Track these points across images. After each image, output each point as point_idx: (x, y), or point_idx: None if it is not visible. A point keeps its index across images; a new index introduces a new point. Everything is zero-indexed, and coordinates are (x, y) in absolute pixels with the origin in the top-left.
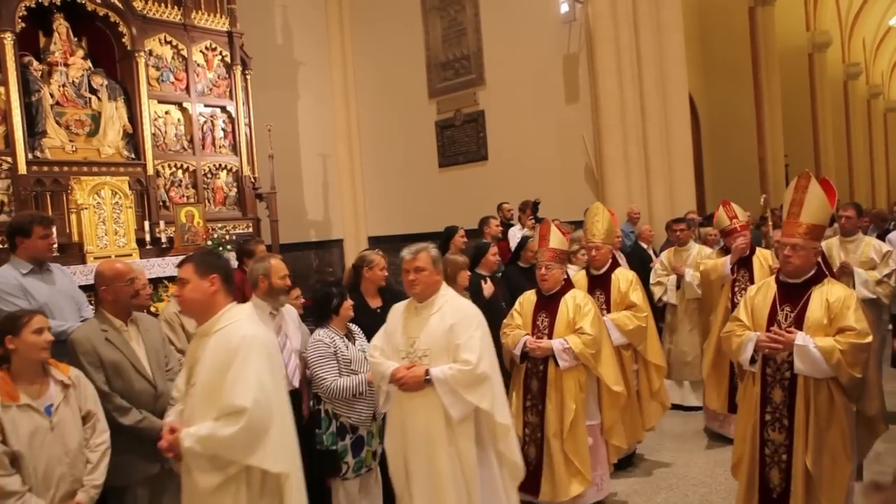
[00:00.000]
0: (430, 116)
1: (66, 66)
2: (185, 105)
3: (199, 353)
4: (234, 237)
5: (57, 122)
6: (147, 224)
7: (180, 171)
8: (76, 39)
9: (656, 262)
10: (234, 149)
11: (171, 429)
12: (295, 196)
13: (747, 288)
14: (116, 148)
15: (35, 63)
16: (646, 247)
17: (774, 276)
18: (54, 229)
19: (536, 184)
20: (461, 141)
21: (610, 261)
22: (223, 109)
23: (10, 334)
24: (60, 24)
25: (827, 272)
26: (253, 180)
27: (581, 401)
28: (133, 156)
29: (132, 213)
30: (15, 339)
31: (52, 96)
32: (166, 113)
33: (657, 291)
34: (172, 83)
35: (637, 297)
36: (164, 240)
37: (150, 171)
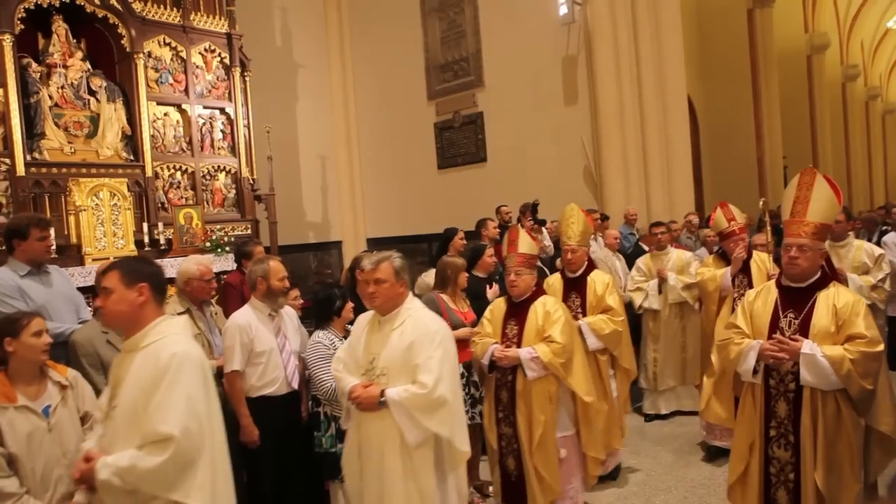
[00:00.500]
0: (428, 118)
1: (65, 67)
2: (183, 107)
3: (124, 372)
4: (233, 239)
5: (55, 124)
6: (146, 226)
7: (179, 173)
8: (75, 41)
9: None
10: (233, 150)
11: (86, 457)
12: (294, 198)
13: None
14: (115, 149)
15: (34, 65)
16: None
17: (775, 279)
18: (52, 231)
19: (535, 185)
20: (460, 143)
21: (586, 263)
22: (222, 111)
23: (9, 336)
24: (59, 26)
25: (832, 275)
26: (252, 182)
27: (550, 412)
28: (132, 157)
29: (131, 215)
30: (14, 342)
31: (50, 98)
32: (165, 114)
33: (637, 298)
34: (171, 85)
35: (613, 300)
36: (162, 241)
37: (149, 172)
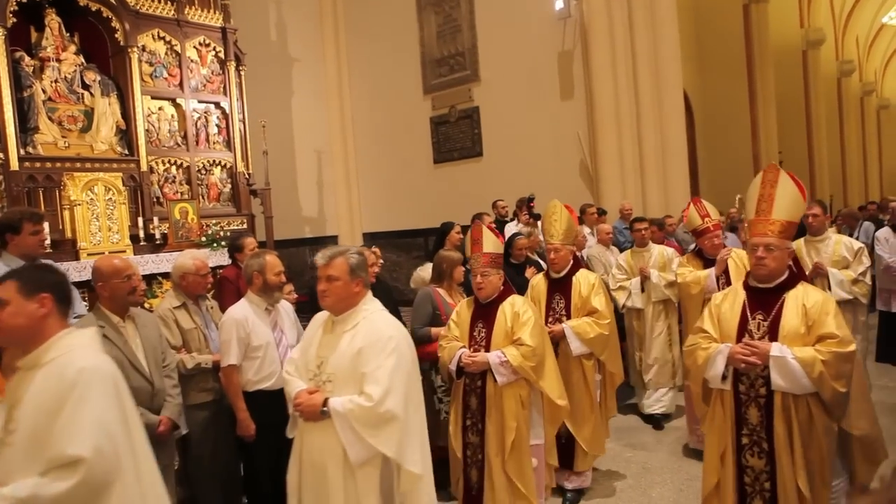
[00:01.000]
0: (424, 112)
1: (59, 61)
2: (178, 101)
3: (22, 392)
4: (229, 234)
5: (49, 118)
6: (141, 220)
7: (174, 168)
8: (68, 35)
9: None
10: (229, 145)
11: None
12: (289, 192)
13: None
14: (109, 144)
15: (27, 58)
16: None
17: (742, 281)
18: (46, 226)
19: (531, 180)
20: (456, 137)
21: (571, 263)
22: (217, 105)
23: None
24: (52, 20)
25: (800, 275)
26: (247, 176)
27: (523, 418)
28: (126, 152)
29: (125, 210)
30: None
31: (44, 92)
32: (160, 109)
33: (620, 297)
34: (166, 79)
35: (599, 302)
36: (157, 236)
37: (144, 167)
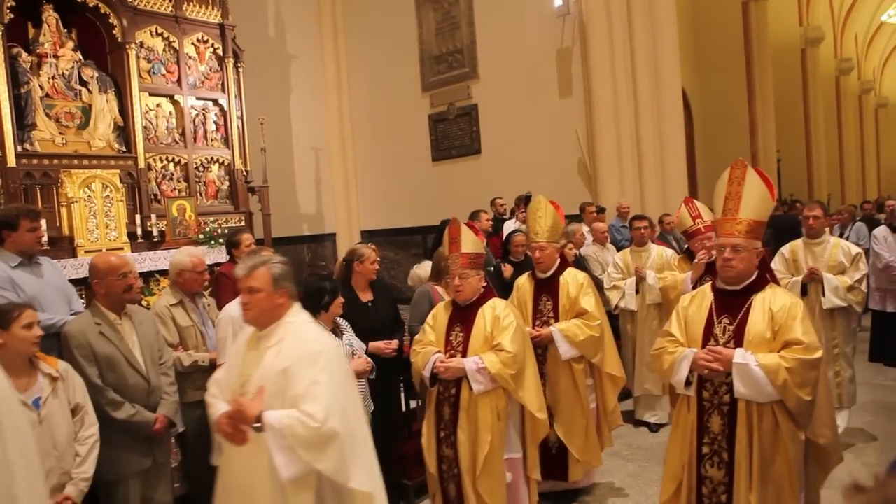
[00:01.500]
0: (423, 110)
1: (56, 57)
2: (176, 98)
3: None
4: (227, 231)
5: (47, 115)
6: (138, 217)
7: (172, 165)
8: (66, 31)
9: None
10: (227, 142)
11: None
12: (287, 190)
13: None
14: (107, 141)
15: (24, 55)
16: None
17: (710, 282)
18: (44, 222)
19: (529, 178)
20: (454, 135)
21: (558, 262)
22: (215, 102)
23: None
24: (50, 16)
25: (769, 276)
26: (245, 174)
27: (498, 431)
28: (124, 149)
29: (123, 207)
30: (4, 333)
31: (41, 88)
32: (157, 105)
33: (613, 297)
34: (164, 76)
35: (588, 302)
36: (155, 233)
37: (142, 164)
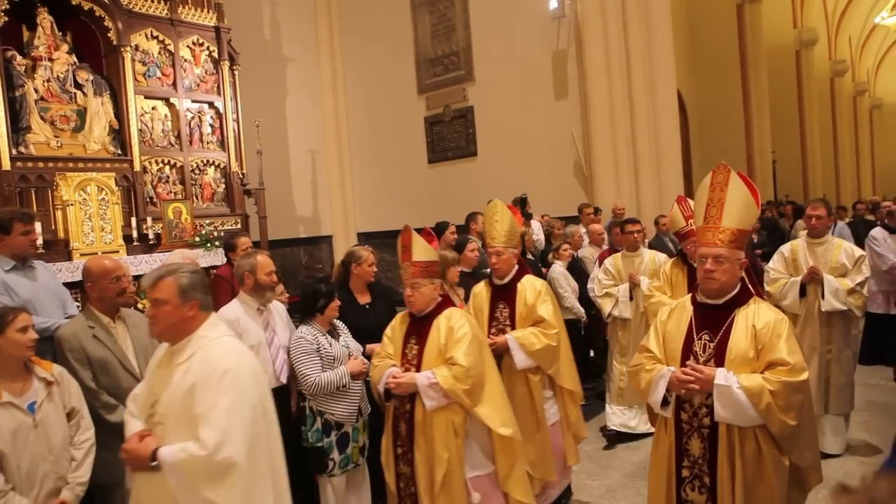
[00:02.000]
0: (419, 112)
1: (51, 60)
2: (171, 100)
3: None
4: (223, 233)
5: (41, 118)
6: (134, 220)
7: (167, 167)
8: (61, 34)
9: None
10: (222, 145)
11: None
12: (284, 192)
13: None
14: (102, 144)
15: (18, 58)
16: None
17: (690, 295)
18: (39, 226)
19: (525, 180)
20: (450, 137)
21: (516, 268)
22: (211, 105)
23: None
24: (44, 19)
25: (753, 289)
26: (241, 176)
27: (456, 448)
28: (119, 152)
29: (119, 210)
30: None
31: (36, 91)
32: (153, 108)
33: (606, 305)
34: (159, 78)
35: (546, 310)
36: (151, 236)
37: (137, 167)
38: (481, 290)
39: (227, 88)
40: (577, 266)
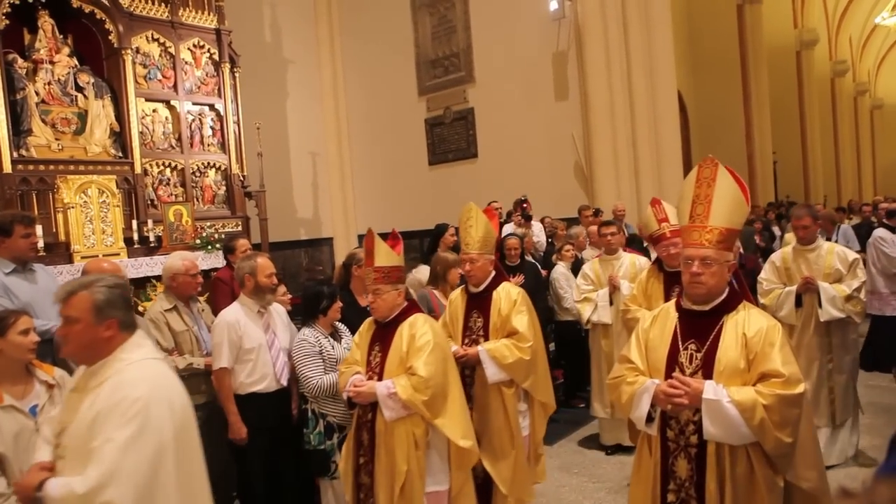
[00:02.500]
0: (419, 114)
1: (52, 63)
2: (172, 103)
3: None
4: (223, 236)
5: (42, 121)
6: (135, 223)
7: (168, 170)
8: (62, 37)
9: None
10: (223, 147)
11: None
12: (284, 194)
13: None
14: (103, 146)
15: (20, 60)
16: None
17: (675, 301)
18: (40, 229)
19: (526, 181)
20: (451, 138)
21: (492, 275)
22: (211, 107)
23: None
24: (45, 22)
25: (742, 294)
26: (242, 178)
27: (416, 460)
28: (120, 154)
29: (120, 212)
30: (0, 340)
31: (37, 94)
32: (154, 111)
33: (585, 310)
34: (160, 81)
35: (520, 322)
36: (152, 239)
37: (138, 169)
38: (457, 297)
39: (228, 91)
40: (580, 267)
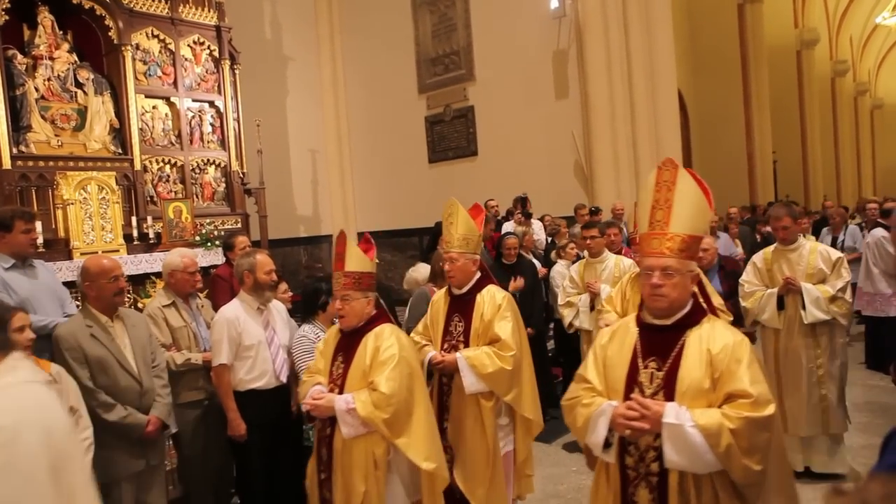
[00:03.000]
0: (419, 112)
1: (52, 59)
2: (172, 100)
3: None
4: (223, 233)
5: (42, 117)
6: (134, 220)
7: (168, 167)
8: (61, 33)
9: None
10: (223, 144)
11: None
12: (284, 192)
13: None
14: (103, 143)
15: (19, 56)
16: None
17: (635, 315)
18: (39, 225)
19: (526, 179)
20: (451, 136)
21: (476, 276)
22: (211, 104)
23: None
24: (45, 17)
25: (707, 306)
26: (241, 175)
27: (375, 481)
28: (120, 151)
29: (119, 209)
30: None
31: (36, 90)
32: (153, 107)
33: (567, 314)
34: (160, 77)
35: (503, 329)
36: (151, 235)
37: (138, 166)
38: (439, 299)
39: (228, 87)
40: None
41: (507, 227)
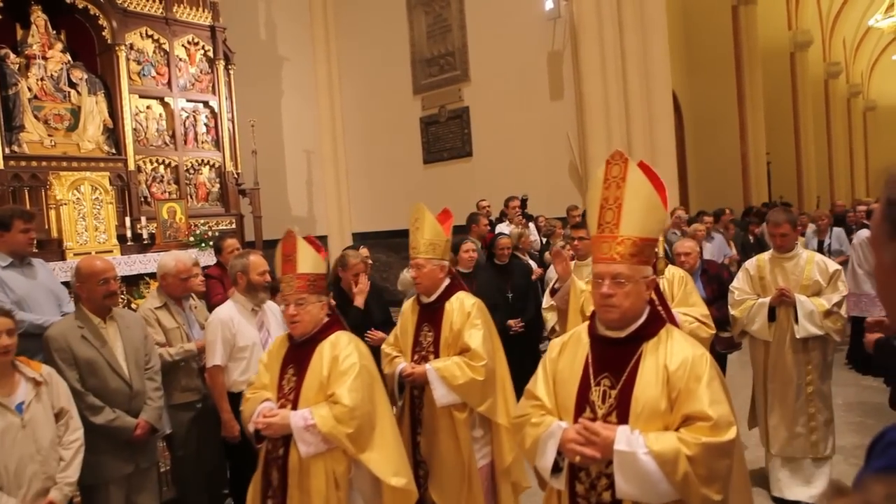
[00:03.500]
0: (414, 112)
1: (45, 59)
2: (166, 100)
3: None
4: (217, 233)
5: (35, 117)
6: (128, 220)
7: (162, 167)
8: (55, 32)
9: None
10: (217, 144)
11: None
12: (279, 192)
13: None
14: (97, 143)
15: (12, 56)
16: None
17: (587, 325)
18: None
19: (521, 180)
20: (446, 137)
21: (445, 283)
22: (206, 104)
23: None
24: (38, 17)
25: (666, 315)
26: (236, 176)
27: (337, 501)
28: (114, 151)
29: (113, 209)
30: None
31: (29, 90)
32: (147, 108)
33: (550, 318)
34: (154, 77)
35: (473, 338)
36: (145, 236)
37: (131, 166)
38: (408, 308)
39: (223, 88)
40: None
41: (501, 228)
